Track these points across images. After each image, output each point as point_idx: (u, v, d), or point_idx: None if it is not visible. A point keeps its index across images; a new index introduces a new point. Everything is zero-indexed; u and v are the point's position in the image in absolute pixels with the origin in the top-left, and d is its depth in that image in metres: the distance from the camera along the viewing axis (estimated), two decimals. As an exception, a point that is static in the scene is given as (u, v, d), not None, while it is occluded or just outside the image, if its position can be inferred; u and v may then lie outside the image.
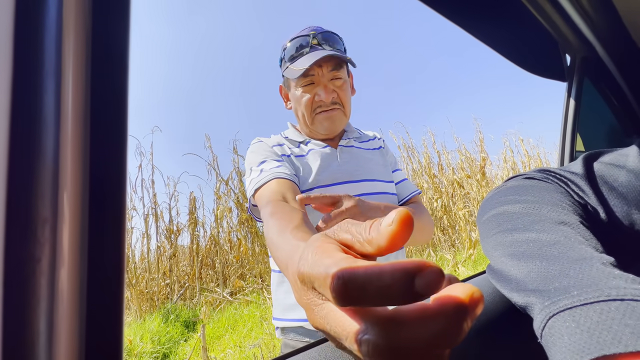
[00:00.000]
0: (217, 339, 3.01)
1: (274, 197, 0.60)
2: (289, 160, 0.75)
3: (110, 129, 0.19)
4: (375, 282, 0.14)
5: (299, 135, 0.81)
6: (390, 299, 0.14)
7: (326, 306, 0.18)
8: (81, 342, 0.17)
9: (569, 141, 0.87)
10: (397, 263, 0.15)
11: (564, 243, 0.28)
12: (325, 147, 0.78)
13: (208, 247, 4.89)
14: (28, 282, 0.15)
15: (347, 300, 0.15)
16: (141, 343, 2.87)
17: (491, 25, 0.70)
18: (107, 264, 0.18)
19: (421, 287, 0.14)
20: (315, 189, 0.72)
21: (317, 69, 0.74)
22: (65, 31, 0.17)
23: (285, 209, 0.54)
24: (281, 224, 0.46)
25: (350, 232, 0.20)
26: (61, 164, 0.17)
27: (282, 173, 0.66)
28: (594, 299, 0.23)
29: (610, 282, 0.24)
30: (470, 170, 6.11)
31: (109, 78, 0.19)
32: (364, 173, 0.77)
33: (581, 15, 0.71)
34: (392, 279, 0.14)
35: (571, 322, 0.23)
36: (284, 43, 0.79)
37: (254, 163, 0.73)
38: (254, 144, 0.79)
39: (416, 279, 0.14)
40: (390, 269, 0.14)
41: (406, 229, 0.17)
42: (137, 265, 4.67)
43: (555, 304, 0.25)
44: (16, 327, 0.15)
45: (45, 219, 0.16)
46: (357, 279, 0.15)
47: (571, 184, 0.35)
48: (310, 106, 0.75)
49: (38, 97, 0.16)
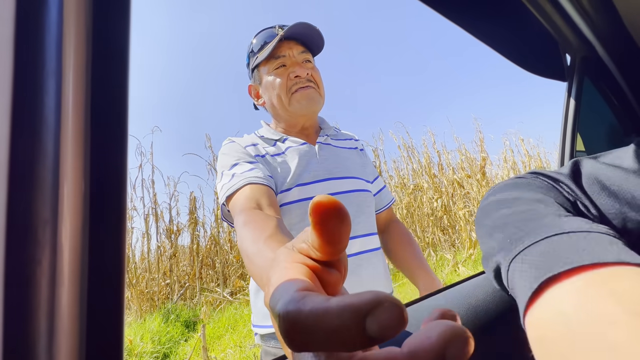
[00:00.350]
0: (217, 339, 3.01)
1: (247, 204, 0.57)
2: (264, 161, 0.72)
3: (111, 129, 0.19)
4: (320, 325, 0.12)
5: (274, 133, 0.78)
6: (341, 345, 0.11)
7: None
8: (82, 342, 0.17)
9: (569, 141, 0.87)
10: (346, 299, 0.12)
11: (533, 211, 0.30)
12: (304, 144, 0.76)
13: (208, 247, 4.90)
14: (29, 282, 0.15)
15: (296, 346, 0.13)
16: (141, 343, 2.87)
17: (491, 25, 0.70)
18: (107, 264, 0.18)
19: (373, 331, 0.11)
20: (295, 187, 0.69)
21: (287, 50, 0.74)
22: (65, 31, 0.17)
23: (258, 217, 0.51)
24: (254, 234, 0.44)
25: (304, 240, 0.18)
26: (61, 164, 0.17)
27: (255, 177, 0.63)
28: (540, 238, 0.25)
29: (557, 224, 0.26)
30: (471, 170, 6.11)
31: (110, 78, 0.19)
32: (344, 170, 0.76)
33: (581, 15, 0.71)
34: (340, 320, 0.11)
35: (521, 263, 0.25)
36: (250, 40, 0.79)
37: (225, 166, 0.69)
38: (226, 144, 0.75)
39: (367, 320, 0.11)
40: (337, 307, 0.11)
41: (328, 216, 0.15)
42: (138, 265, 4.68)
43: (510, 253, 0.27)
44: (17, 327, 0.15)
45: (45, 220, 0.16)
46: (300, 320, 0.12)
47: (561, 182, 0.35)
48: (286, 86, 0.74)
49: (39, 97, 0.16)
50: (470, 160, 6.30)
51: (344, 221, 0.15)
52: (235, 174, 0.65)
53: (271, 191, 0.63)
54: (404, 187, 5.80)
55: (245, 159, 0.69)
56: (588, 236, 0.24)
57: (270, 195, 0.62)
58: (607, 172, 0.33)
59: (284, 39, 0.74)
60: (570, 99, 0.87)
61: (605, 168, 0.34)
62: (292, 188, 0.69)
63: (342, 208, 0.15)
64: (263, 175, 0.64)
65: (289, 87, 0.74)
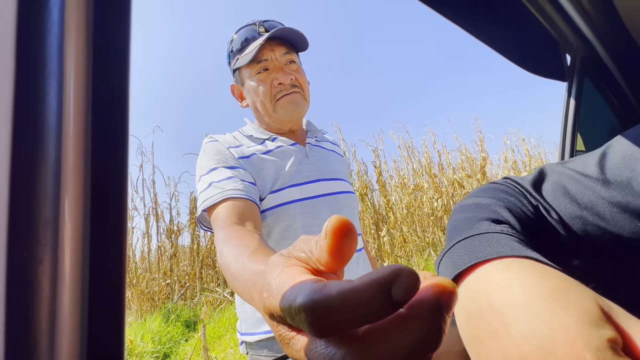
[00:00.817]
0: (217, 339, 3.01)
1: (228, 221, 0.55)
2: (248, 162, 0.68)
3: (112, 129, 0.19)
4: (351, 303, 0.13)
5: (262, 132, 0.76)
6: (371, 316, 0.13)
7: (299, 338, 0.17)
8: (83, 341, 0.17)
9: (569, 140, 0.87)
10: (368, 276, 0.13)
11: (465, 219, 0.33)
12: (294, 145, 0.74)
13: (209, 247, 4.90)
14: (30, 282, 0.15)
15: (326, 331, 0.14)
16: (142, 343, 2.87)
17: (491, 24, 0.70)
18: (108, 264, 0.18)
19: (399, 295, 0.13)
20: (287, 188, 0.68)
21: (269, 53, 0.70)
22: (66, 32, 0.17)
23: (239, 233, 0.50)
24: (237, 251, 0.43)
25: (304, 250, 0.19)
26: (63, 164, 0.17)
27: (234, 190, 0.60)
28: (450, 245, 0.29)
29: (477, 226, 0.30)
30: (471, 170, 6.11)
31: (111, 78, 0.19)
32: (332, 172, 0.76)
33: (581, 15, 0.71)
34: (369, 294, 0.13)
35: (446, 261, 0.28)
36: (230, 37, 0.74)
37: (203, 169, 0.66)
38: (206, 143, 0.71)
39: (393, 288, 0.13)
40: (365, 284, 0.13)
41: (343, 238, 0.16)
42: (138, 265, 4.68)
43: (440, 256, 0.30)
44: (18, 327, 0.15)
45: (47, 220, 0.16)
46: (331, 304, 0.13)
47: (525, 188, 0.37)
48: (269, 93, 0.71)
49: (40, 98, 0.16)
50: (471, 160, 6.29)
51: (354, 242, 0.16)
52: (213, 182, 0.62)
53: (252, 204, 0.60)
54: (404, 187, 5.79)
55: (225, 163, 0.66)
56: (484, 237, 0.28)
57: (251, 209, 0.60)
58: (571, 178, 0.35)
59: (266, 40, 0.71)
60: (570, 99, 0.87)
61: (570, 174, 0.36)
62: (284, 188, 0.68)
63: (354, 229, 0.17)
64: (243, 187, 0.61)
65: (273, 94, 0.72)
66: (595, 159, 0.35)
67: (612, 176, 0.33)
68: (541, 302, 0.20)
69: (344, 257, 0.17)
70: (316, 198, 0.70)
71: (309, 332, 0.15)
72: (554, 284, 0.21)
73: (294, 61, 0.74)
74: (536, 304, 0.20)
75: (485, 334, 0.22)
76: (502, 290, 0.22)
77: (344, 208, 0.73)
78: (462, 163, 6.22)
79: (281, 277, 0.18)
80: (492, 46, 0.71)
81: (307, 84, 0.78)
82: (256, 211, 0.61)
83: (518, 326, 0.20)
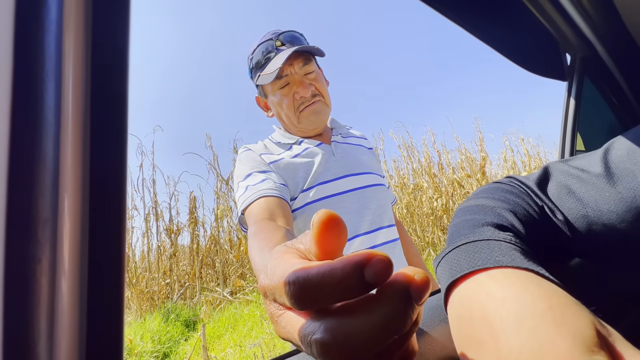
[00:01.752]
0: (217, 339, 3.01)
1: (260, 216, 0.59)
2: (278, 166, 0.73)
3: (111, 129, 0.19)
4: (327, 280, 0.15)
5: (289, 137, 0.80)
6: (344, 293, 0.15)
7: (286, 315, 0.19)
8: (82, 341, 0.17)
9: (569, 140, 0.87)
10: (346, 257, 0.15)
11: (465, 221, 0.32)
12: (320, 145, 0.78)
13: (208, 247, 4.90)
14: (28, 282, 0.15)
15: (305, 303, 0.16)
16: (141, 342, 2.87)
17: (491, 24, 0.70)
18: (107, 263, 0.18)
19: (371, 277, 0.14)
20: (316, 186, 0.71)
21: (289, 68, 0.74)
22: (65, 31, 0.17)
23: (267, 227, 0.53)
24: (261, 244, 0.46)
25: (302, 242, 0.20)
26: (61, 163, 0.17)
27: (267, 190, 0.65)
28: (449, 250, 0.29)
29: (479, 231, 0.29)
30: (470, 170, 6.11)
31: (109, 77, 0.19)
32: (360, 166, 0.78)
33: (581, 15, 0.70)
34: (343, 273, 0.14)
35: (444, 265, 0.28)
36: (249, 54, 0.79)
37: (240, 177, 0.72)
38: (241, 153, 0.78)
39: (365, 270, 0.14)
40: (341, 263, 0.15)
41: (329, 229, 0.17)
42: (138, 265, 4.68)
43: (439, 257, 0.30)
44: (17, 326, 0.15)
45: (45, 219, 0.16)
46: (311, 279, 0.15)
47: (530, 188, 0.37)
48: (292, 106, 0.76)
49: (38, 97, 0.16)
50: (470, 159, 6.29)
51: (341, 236, 0.17)
52: (249, 186, 0.67)
53: (283, 202, 0.64)
54: (404, 186, 5.80)
55: (258, 169, 0.71)
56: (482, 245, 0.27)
57: (283, 206, 0.63)
58: (575, 177, 0.35)
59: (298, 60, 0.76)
60: (570, 99, 0.87)
61: (574, 173, 0.35)
62: (312, 187, 0.71)
63: (341, 223, 0.17)
64: (275, 187, 0.66)
65: (296, 106, 0.76)
66: (598, 155, 0.34)
67: (617, 169, 0.32)
68: (535, 317, 0.19)
69: (329, 247, 0.17)
70: (345, 193, 0.73)
71: (291, 305, 0.16)
72: (551, 301, 0.20)
73: (313, 71, 0.77)
74: (529, 319, 0.19)
75: (473, 343, 0.21)
76: (496, 301, 0.21)
77: (373, 201, 0.75)
78: (461, 163, 6.22)
79: (277, 261, 0.19)
80: (492, 45, 0.71)
81: (327, 85, 0.82)
82: (287, 208, 0.64)
83: (507, 340, 0.19)
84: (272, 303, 0.20)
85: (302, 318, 0.17)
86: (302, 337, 0.16)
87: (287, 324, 0.18)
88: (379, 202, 0.77)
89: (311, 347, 0.15)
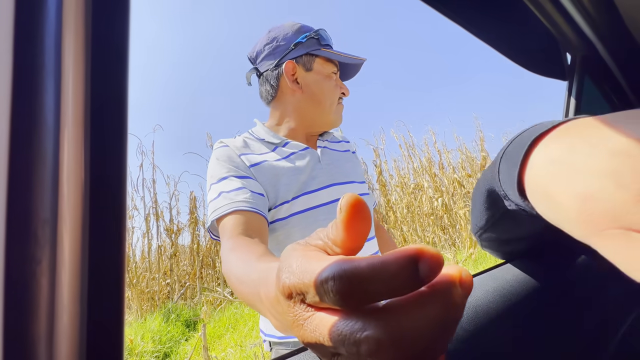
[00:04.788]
0: (217, 338, 3.01)
1: (234, 232, 0.56)
2: (259, 170, 0.68)
3: (110, 129, 0.19)
4: (379, 274, 0.14)
5: (274, 136, 0.75)
6: (397, 289, 0.14)
7: (317, 316, 0.17)
8: (82, 341, 0.17)
9: (569, 140, 0.87)
10: (397, 251, 0.14)
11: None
12: (306, 149, 0.74)
13: (209, 247, 4.90)
14: (29, 283, 0.15)
15: (352, 299, 0.15)
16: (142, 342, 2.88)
17: (491, 23, 0.70)
18: (107, 264, 0.18)
19: (425, 273, 0.14)
20: (301, 196, 0.68)
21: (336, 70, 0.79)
22: (65, 31, 0.17)
23: (246, 242, 0.51)
24: (243, 257, 0.43)
25: (320, 237, 0.19)
26: (61, 164, 0.17)
27: (242, 203, 0.60)
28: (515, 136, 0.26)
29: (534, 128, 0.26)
30: (471, 169, 6.11)
31: (109, 77, 0.19)
32: (345, 175, 0.76)
33: (582, 14, 0.70)
34: (398, 267, 0.14)
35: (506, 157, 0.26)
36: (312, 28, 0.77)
37: (214, 177, 0.66)
38: (218, 149, 0.70)
39: (420, 265, 0.14)
40: (394, 257, 0.14)
41: (358, 212, 0.17)
42: (138, 265, 4.68)
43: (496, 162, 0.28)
44: (17, 327, 0.15)
45: (45, 220, 0.16)
46: (360, 272, 0.14)
47: None
48: (336, 94, 0.77)
49: (38, 97, 0.16)
50: (471, 159, 6.29)
51: (367, 221, 0.17)
52: (223, 192, 0.62)
53: (259, 218, 0.61)
54: (405, 186, 5.79)
55: (236, 173, 0.66)
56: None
57: (258, 222, 0.60)
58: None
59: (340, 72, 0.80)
60: (571, 98, 0.87)
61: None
62: (297, 197, 0.68)
63: (366, 207, 0.17)
64: (251, 198, 0.61)
65: (337, 97, 0.78)
66: None
67: None
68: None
69: (359, 231, 0.17)
70: (331, 204, 0.70)
71: (333, 302, 0.15)
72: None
73: None
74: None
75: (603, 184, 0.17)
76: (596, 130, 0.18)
77: None
78: (462, 162, 6.22)
79: (303, 258, 0.18)
80: (492, 45, 0.71)
81: None
82: (264, 224, 0.61)
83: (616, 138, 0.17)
84: (298, 305, 0.18)
85: (337, 317, 0.16)
86: (344, 336, 0.15)
87: (319, 325, 0.17)
88: None
89: (358, 346, 0.14)
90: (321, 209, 0.69)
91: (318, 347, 0.17)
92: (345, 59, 0.76)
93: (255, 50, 0.78)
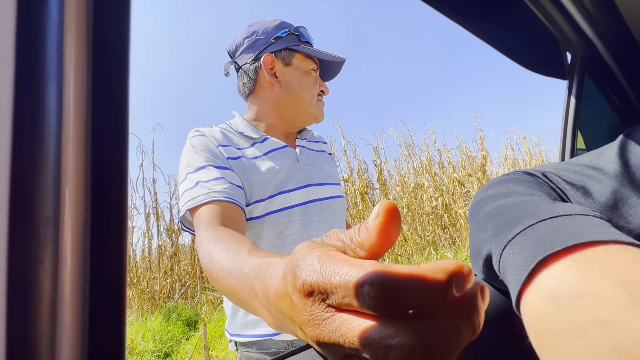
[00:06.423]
0: (218, 338, 3.02)
1: (213, 222, 0.53)
2: (238, 164, 0.66)
3: (112, 129, 0.19)
4: (418, 287, 0.15)
5: (253, 130, 0.72)
6: (432, 300, 0.15)
7: (338, 317, 0.17)
8: (84, 341, 0.17)
9: (569, 139, 0.87)
10: (435, 266, 0.15)
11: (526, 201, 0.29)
12: (285, 148, 0.73)
13: (209, 246, 4.88)
14: (31, 282, 0.15)
15: (389, 306, 0.15)
16: (143, 342, 2.88)
17: (492, 23, 0.70)
18: (109, 263, 0.18)
19: (459, 286, 0.15)
20: (278, 195, 0.66)
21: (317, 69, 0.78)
22: (66, 31, 0.17)
23: (230, 233, 0.48)
24: (231, 248, 0.41)
25: (341, 239, 0.19)
26: (63, 164, 0.17)
27: (221, 194, 0.57)
28: (535, 221, 0.25)
29: (551, 209, 0.26)
30: (471, 169, 6.10)
31: (110, 77, 0.19)
32: (322, 177, 0.76)
33: (582, 14, 0.70)
34: (436, 281, 0.15)
35: (517, 246, 0.25)
36: (292, 25, 0.76)
37: (190, 167, 0.62)
38: (194, 137, 0.66)
39: (455, 281, 0.15)
40: (433, 272, 0.15)
41: (394, 220, 0.17)
42: (139, 265, 4.69)
43: (504, 239, 0.26)
44: (19, 327, 0.15)
45: (47, 220, 0.16)
46: (401, 283, 0.15)
47: (548, 176, 0.35)
48: (316, 90, 0.76)
49: (40, 98, 0.16)
50: (471, 158, 6.29)
51: (400, 229, 0.18)
52: (201, 182, 0.59)
53: (238, 209, 0.58)
54: (405, 185, 5.79)
55: (214, 163, 0.62)
56: (582, 219, 0.24)
57: (237, 214, 0.57)
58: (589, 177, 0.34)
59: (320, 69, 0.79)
60: (571, 98, 0.87)
61: (588, 172, 0.34)
62: (274, 196, 0.66)
63: (399, 215, 0.18)
64: (230, 190, 0.59)
65: (317, 93, 0.77)
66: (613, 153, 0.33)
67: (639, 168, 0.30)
68: None
69: (391, 238, 0.17)
70: (307, 204, 0.69)
71: (368, 306, 0.15)
72: None
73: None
74: None
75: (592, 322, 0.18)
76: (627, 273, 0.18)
77: (332, 214, 0.74)
78: (462, 162, 6.22)
79: (329, 259, 0.18)
80: (493, 45, 0.71)
81: None
82: (242, 218, 0.59)
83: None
84: (317, 305, 0.18)
85: (366, 321, 0.16)
86: (372, 340, 0.15)
87: (341, 326, 0.17)
88: (337, 216, 0.75)
89: (388, 352, 0.15)
90: (297, 209, 0.68)
91: (333, 347, 0.17)
92: (325, 57, 0.75)
93: (235, 44, 0.77)
